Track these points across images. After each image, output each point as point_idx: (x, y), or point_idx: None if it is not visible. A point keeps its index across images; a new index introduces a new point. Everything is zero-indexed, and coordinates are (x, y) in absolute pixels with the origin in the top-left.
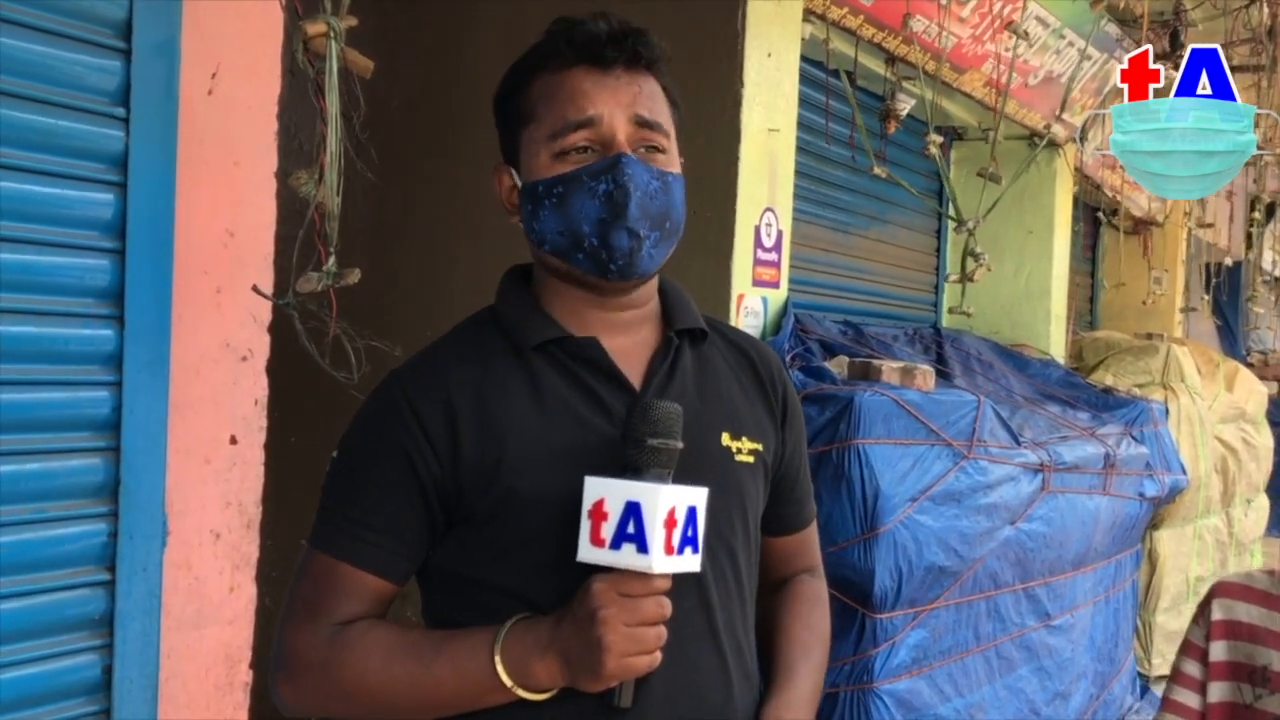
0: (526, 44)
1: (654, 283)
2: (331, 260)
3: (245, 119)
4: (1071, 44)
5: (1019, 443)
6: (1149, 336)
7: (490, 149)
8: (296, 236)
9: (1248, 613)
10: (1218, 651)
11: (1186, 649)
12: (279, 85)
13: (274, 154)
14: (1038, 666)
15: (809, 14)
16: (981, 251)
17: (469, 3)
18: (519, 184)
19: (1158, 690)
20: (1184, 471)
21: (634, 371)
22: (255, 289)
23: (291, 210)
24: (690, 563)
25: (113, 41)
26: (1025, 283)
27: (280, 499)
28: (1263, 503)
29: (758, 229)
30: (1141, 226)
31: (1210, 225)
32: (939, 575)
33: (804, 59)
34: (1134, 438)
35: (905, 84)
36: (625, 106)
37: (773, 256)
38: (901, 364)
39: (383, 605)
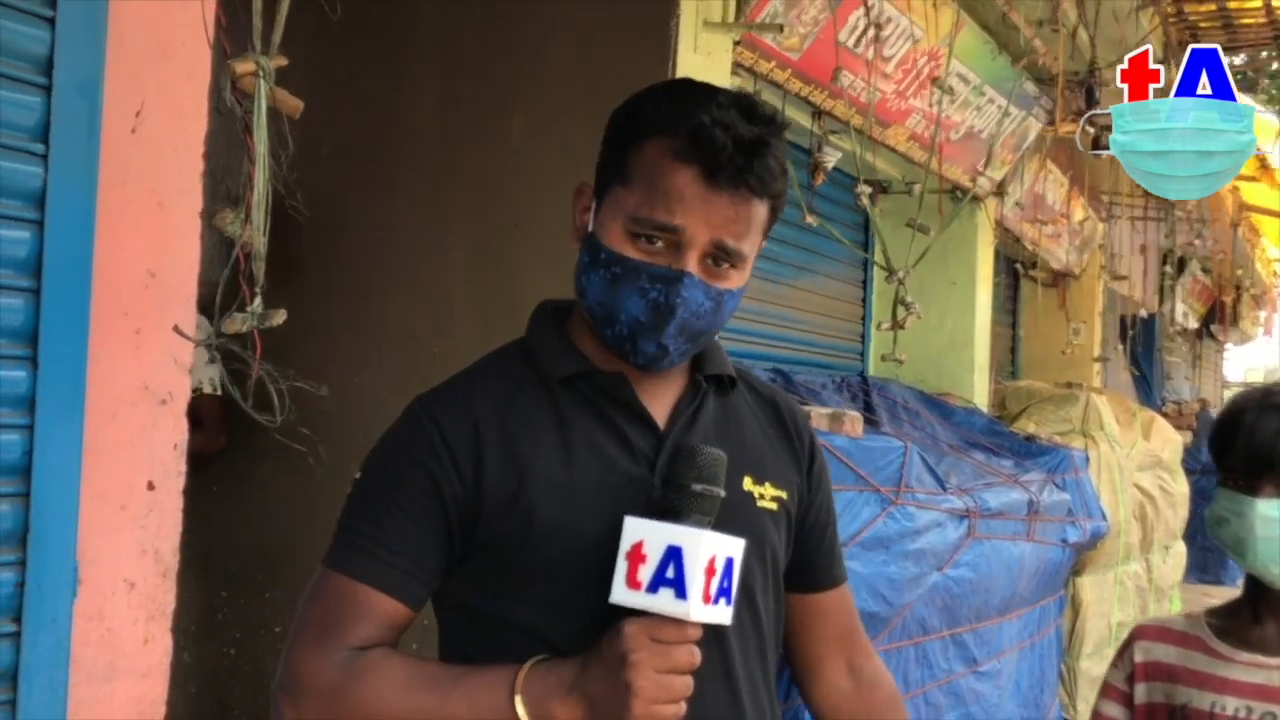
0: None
1: None
2: (257, 301)
3: (170, 159)
4: (991, 100)
5: (945, 489)
6: (1069, 385)
7: (417, 195)
8: (221, 277)
9: (1165, 653)
10: (1141, 694)
11: (1107, 691)
12: (205, 125)
13: (199, 194)
14: (965, 713)
15: (738, 67)
16: (912, 300)
17: (404, 50)
18: (590, 224)
19: None
20: (1104, 518)
21: (659, 412)
22: (177, 329)
23: (219, 251)
24: (723, 614)
25: (33, 77)
26: (950, 333)
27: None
28: (1180, 549)
29: None
30: (1059, 279)
31: (1124, 278)
32: (869, 622)
33: None
34: (1056, 484)
35: (832, 137)
36: (715, 228)
37: None
38: (830, 410)
39: (397, 632)
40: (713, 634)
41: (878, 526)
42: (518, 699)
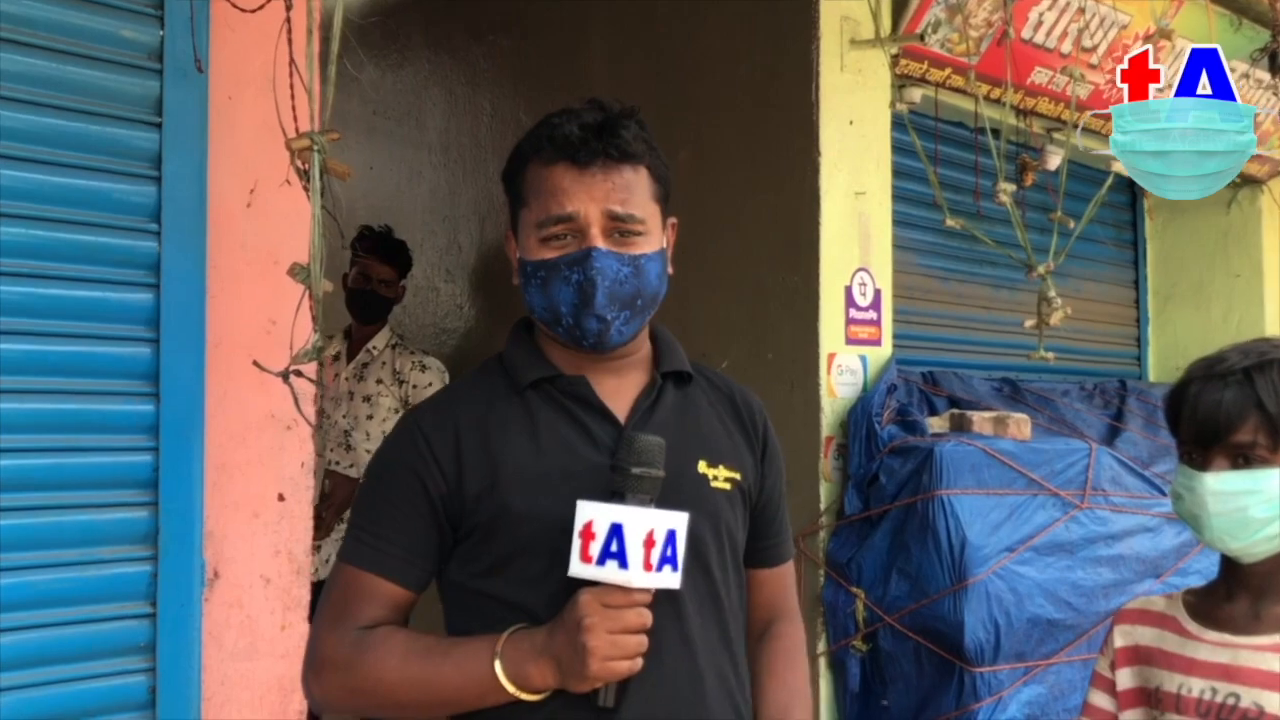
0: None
1: (644, 333)
2: (317, 336)
3: (283, 224)
4: (1246, 75)
5: (1164, 492)
6: None
7: None
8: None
9: (1143, 635)
10: (1124, 679)
11: (1096, 680)
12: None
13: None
14: None
15: (906, 79)
16: (1054, 295)
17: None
18: (517, 253)
19: None
20: None
21: (621, 407)
22: (256, 364)
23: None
24: (669, 580)
25: (145, 170)
26: (1236, 329)
27: None
28: None
29: (849, 289)
30: None
31: None
32: (1050, 628)
33: (932, 118)
34: None
35: (1055, 135)
36: (599, 201)
37: (870, 315)
38: (995, 414)
39: (400, 611)
40: (668, 600)
41: (1057, 531)
42: (497, 663)
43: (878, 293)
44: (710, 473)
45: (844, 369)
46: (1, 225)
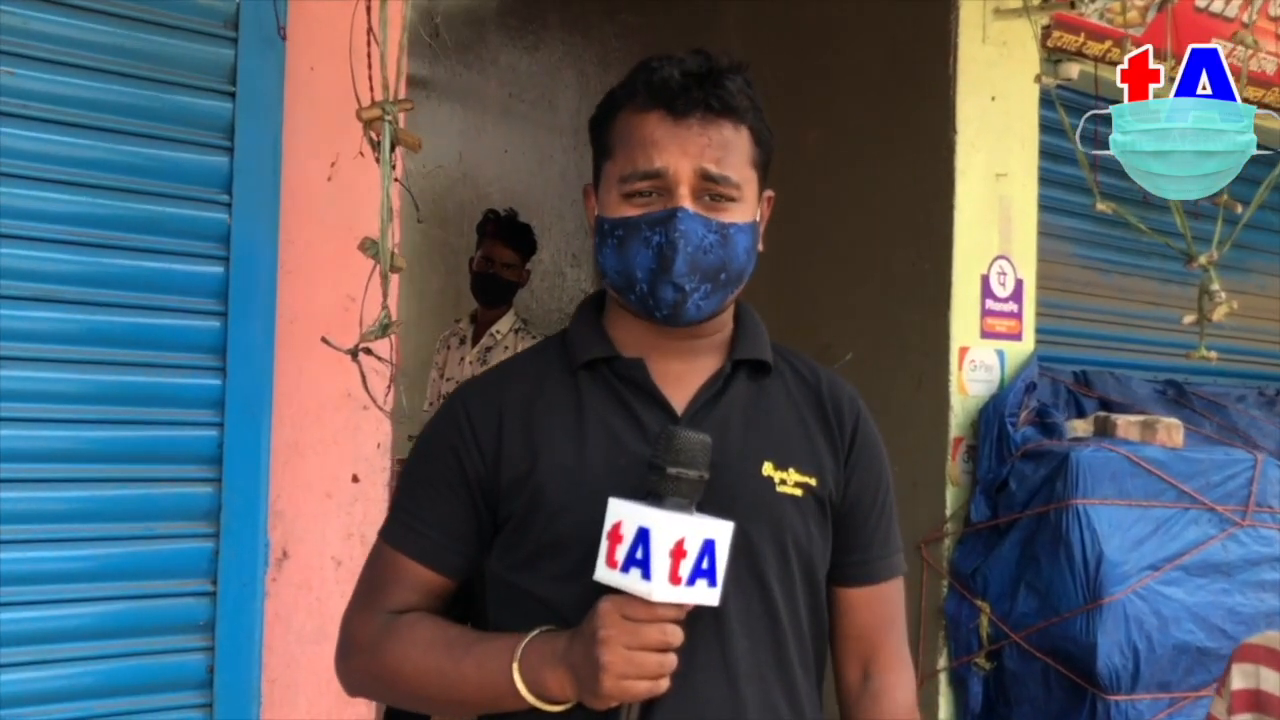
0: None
1: (725, 314)
2: (385, 311)
3: (364, 199)
4: None
5: None
6: None
7: None
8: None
9: (1268, 679)
10: None
11: None
12: (397, 167)
13: (395, 227)
14: None
15: (1060, 53)
16: (1217, 289)
17: None
18: (595, 211)
19: None
20: None
21: (682, 396)
22: (325, 340)
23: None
24: (704, 596)
25: (217, 140)
26: None
27: None
28: None
29: (985, 278)
30: None
31: None
32: (1200, 657)
33: (1092, 95)
34: None
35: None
36: (693, 158)
37: (1010, 307)
38: (1143, 418)
39: (435, 598)
40: (711, 617)
41: (1213, 549)
42: (515, 667)
43: (1019, 283)
44: (778, 476)
45: (977, 364)
46: (69, 194)
